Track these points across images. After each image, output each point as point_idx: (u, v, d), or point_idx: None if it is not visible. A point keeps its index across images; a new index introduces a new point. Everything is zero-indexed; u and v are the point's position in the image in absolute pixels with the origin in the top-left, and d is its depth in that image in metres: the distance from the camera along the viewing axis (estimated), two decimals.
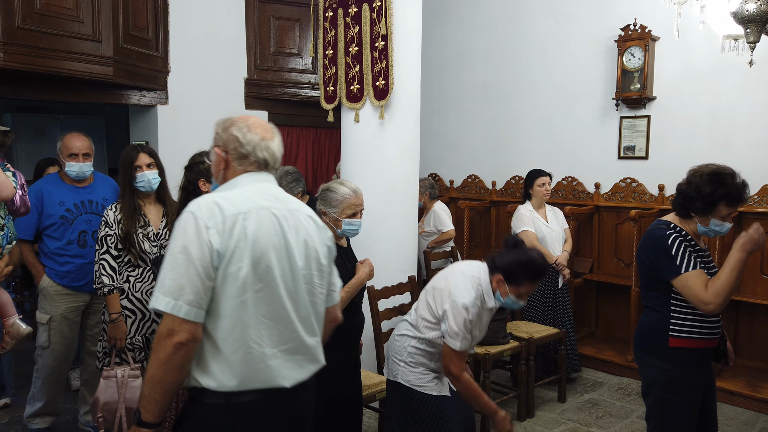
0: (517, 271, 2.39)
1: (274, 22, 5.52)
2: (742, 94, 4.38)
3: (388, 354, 2.66)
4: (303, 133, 5.99)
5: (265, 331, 1.60)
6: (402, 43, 3.74)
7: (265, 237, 1.61)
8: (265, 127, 1.78)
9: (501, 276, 2.42)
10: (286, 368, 1.65)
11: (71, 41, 3.98)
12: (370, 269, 2.69)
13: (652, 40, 4.68)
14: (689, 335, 2.35)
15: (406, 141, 3.88)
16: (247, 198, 1.64)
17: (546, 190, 4.30)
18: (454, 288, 2.45)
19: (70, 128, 7.29)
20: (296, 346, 1.68)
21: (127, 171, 2.90)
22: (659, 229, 2.41)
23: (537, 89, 5.50)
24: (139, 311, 2.88)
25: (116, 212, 2.85)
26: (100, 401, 2.78)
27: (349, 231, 2.64)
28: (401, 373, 2.57)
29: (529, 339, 3.82)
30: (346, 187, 2.64)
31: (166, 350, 1.50)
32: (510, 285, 2.41)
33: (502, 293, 2.44)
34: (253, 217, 1.60)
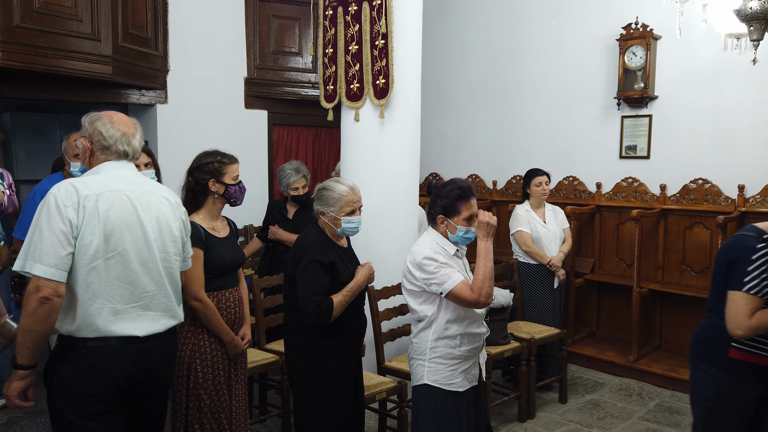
0: (446, 200, 2.44)
1: (273, 21, 5.50)
2: (745, 93, 4.36)
3: (410, 361, 2.60)
4: (303, 132, 5.97)
5: (116, 291, 1.97)
6: (402, 41, 3.72)
7: (117, 214, 1.97)
8: (128, 123, 2.11)
9: (441, 216, 2.47)
10: (138, 321, 2.02)
11: (70, 40, 3.97)
12: (370, 272, 2.65)
13: (653, 39, 4.65)
14: (752, 350, 2.21)
15: (406, 140, 3.86)
16: (103, 182, 1.99)
17: (543, 190, 4.28)
18: (410, 258, 2.49)
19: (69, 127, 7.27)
20: (148, 304, 2.05)
21: None
22: (750, 238, 2.21)
23: (538, 88, 5.47)
24: None
25: None
26: None
27: (349, 229, 2.61)
28: (426, 374, 2.50)
29: (530, 339, 3.80)
30: (342, 185, 2.62)
31: (32, 304, 1.83)
32: (451, 218, 2.45)
33: (452, 230, 2.47)
34: (106, 198, 1.96)
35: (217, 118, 5.28)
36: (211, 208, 2.65)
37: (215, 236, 2.62)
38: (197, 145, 5.14)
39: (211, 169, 2.61)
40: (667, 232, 4.72)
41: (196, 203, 2.63)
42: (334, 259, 2.54)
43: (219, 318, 2.58)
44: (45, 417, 3.73)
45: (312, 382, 2.58)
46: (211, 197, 2.63)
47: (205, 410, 2.56)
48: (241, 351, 2.69)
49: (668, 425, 3.74)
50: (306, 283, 2.47)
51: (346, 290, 2.53)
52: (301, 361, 2.60)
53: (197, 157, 2.68)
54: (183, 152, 5.06)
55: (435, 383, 2.48)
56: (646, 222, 4.68)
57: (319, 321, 2.44)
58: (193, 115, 5.13)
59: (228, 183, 2.63)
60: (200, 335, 2.57)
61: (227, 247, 2.65)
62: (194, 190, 2.63)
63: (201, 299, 2.51)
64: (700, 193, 4.53)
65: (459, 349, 2.49)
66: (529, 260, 4.25)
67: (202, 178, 2.62)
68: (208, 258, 2.55)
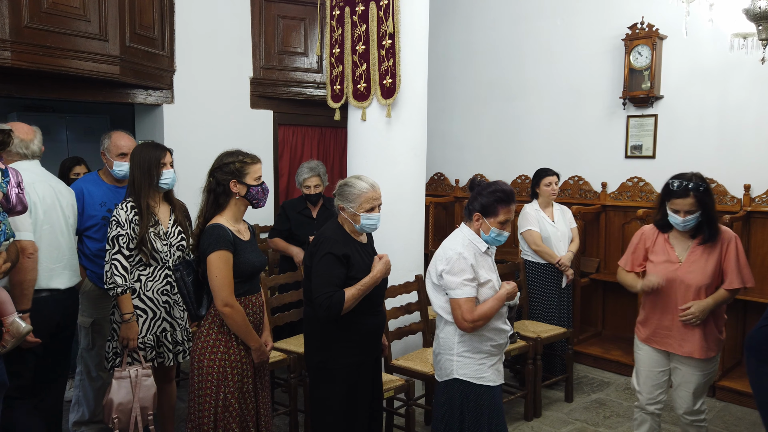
0: (488, 201, 2.48)
1: (279, 21, 5.52)
2: (751, 92, 4.36)
3: (437, 356, 2.59)
4: (308, 132, 5.99)
5: (49, 253, 2.75)
6: (409, 41, 3.73)
7: (48, 196, 2.77)
8: (26, 131, 2.79)
9: (478, 214, 2.50)
10: (61, 277, 2.81)
11: (78, 40, 3.98)
12: (387, 266, 2.63)
13: (659, 39, 4.65)
14: None
15: (412, 140, 3.87)
16: (32, 174, 2.73)
17: (553, 190, 4.29)
18: (442, 252, 2.52)
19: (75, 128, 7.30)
20: (65, 265, 2.84)
21: (152, 169, 2.84)
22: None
23: (543, 88, 5.48)
24: (150, 310, 2.86)
25: (128, 212, 2.81)
26: (114, 402, 2.76)
27: (368, 226, 2.61)
28: (456, 369, 2.49)
29: (537, 338, 3.81)
30: (363, 182, 2.62)
31: (23, 260, 2.47)
32: (488, 218, 2.48)
33: (485, 230, 2.50)
34: (39, 185, 2.75)
35: (222, 118, 5.29)
36: (235, 210, 2.55)
37: (242, 239, 2.54)
38: (203, 145, 5.19)
39: (233, 170, 2.52)
40: None
41: (217, 205, 2.54)
42: (349, 253, 2.54)
43: (248, 324, 2.51)
44: None
45: (325, 375, 2.59)
46: (234, 199, 2.53)
47: (235, 417, 2.50)
48: (266, 358, 2.63)
49: (674, 424, 3.74)
50: (319, 275, 2.48)
51: (361, 284, 2.52)
52: (315, 354, 2.62)
53: (219, 157, 2.60)
54: (189, 152, 5.10)
55: (465, 377, 2.48)
56: (651, 222, 4.67)
57: (329, 313, 2.45)
58: (200, 115, 5.15)
59: (250, 184, 2.54)
60: (230, 343, 2.50)
61: (252, 251, 2.58)
62: (215, 191, 2.54)
63: (231, 305, 2.44)
64: None
65: (485, 345, 2.50)
66: (537, 259, 4.25)
67: (223, 178, 2.52)
68: (237, 262, 2.48)
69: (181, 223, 3.00)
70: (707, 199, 2.75)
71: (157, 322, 2.89)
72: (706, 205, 2.74)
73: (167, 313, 2.92)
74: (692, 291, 2.80)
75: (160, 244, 2.86)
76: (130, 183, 2.88)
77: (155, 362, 2.90)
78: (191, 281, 2.57)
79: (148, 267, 2.86)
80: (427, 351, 3.57)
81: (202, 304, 2.60)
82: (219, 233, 2.45)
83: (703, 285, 2.79)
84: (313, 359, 2.65)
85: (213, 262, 2.42)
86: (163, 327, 2.91)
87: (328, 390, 2.60)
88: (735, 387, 4.07)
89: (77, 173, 3.96)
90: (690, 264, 2.82)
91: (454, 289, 2.42)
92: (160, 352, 2.91)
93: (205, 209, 2.56)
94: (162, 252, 2.87)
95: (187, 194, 3.50)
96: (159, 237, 2.86)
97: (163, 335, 2.91)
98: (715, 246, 2.80)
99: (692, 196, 2.71)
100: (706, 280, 2.79)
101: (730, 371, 4.29)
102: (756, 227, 4.34)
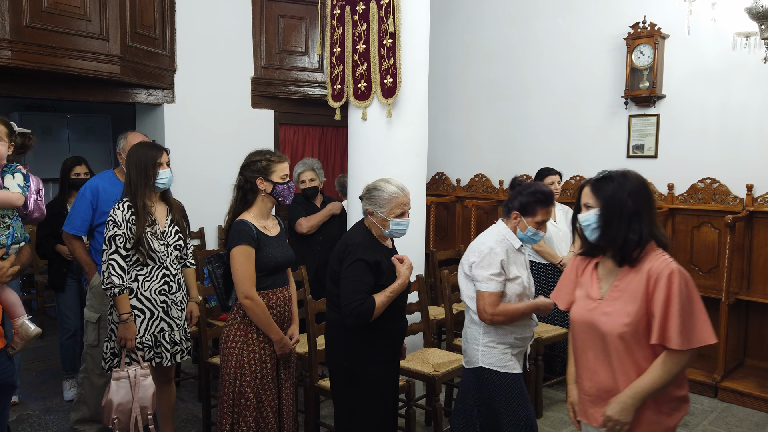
0: (528, 200, 2.54)
1: (280, 21, 5.51)
2: (753, 92, 4.34)
3: (465, 344, 2.70)
4: (309, 131, 5.98)
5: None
6: (409, 40, 3.72)
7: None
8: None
9: (516, 212, 2.58)
10: None
11: (79, 39, 3.98)
12: (411, 268, 2.61)
13: (661, 38, 4.64)
14: None
15: (413, 139, 3.86)
16: None
17: (555, 189, 4.27)
18: (475, 245, 2.62)
19: (77, 127, 7.31)
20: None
21: (148, 169, 2.85)
22: None
23: (545, 87, 5.46)
24: (148, 310, 2.86)
25: (125, 211, 2.80)
26: (114, 403, 2.76)
27: (397, 231, 2.59)
28: (481, 357, 2.59)
29: (538, 339, 3.80)
30: (393, 185, 2.57)
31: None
32: (526, 217, 2.56)
33: (522, 228, 2.58)
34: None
35: (224, 117, 5.29)
36: (261, 206, 2.68)
37: (266, 235, 2.64)
38: (204, 144, 5.20)
39: (260, 167, 2.64)
40: (675, 232, 4.70)
41: (245, 201, 2.66)
42: (379, 260, 2.52)
43: (269, 316, 2.61)
44: (54, 415, 3.76)
45: (352, 382, 2.57)
46: (260, 195, 2.66)
47: (251, 408, 2.60)
48: (289, 350, 2.70)
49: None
50: (349, 282, 2.45)
51: (389, 290, 2.50)
52: (341, 361, 2.58)
53: (248, 155, 2.72)
54: (190, 151, 5.11)
55: (490, 365, 2.58)
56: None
57: (359, 320, 2.43)
58: (200, 115, 5.15)
59: (276, 181, 2.65)
60: (250, 333, 2.61)
61: (278, 246, 2.67)
62: (243, 188, 2.66)
63: (252, 297, 2.55)
64: (708, 193, 4.52)
65: (509, 337, 2.59)
66: (538, 259, 4.24)
67: (250, 176, 2.65)
68: (260, 257, 2.58)
69: (178, 223, 3.00)
70: (611, 192, 1.86)
71: (155, 322, 2.89)
72: (606, 202, 1.86)
73: (165, 313, 2.91)
74: (609, 344, 1.88)
75: (157, 244, 2.86)
76: (127, 182, 2.88)
77: (153, 362, 2.90)
78: (221, 274, 2.68)
79: (146, 267, 2.85)
80: (428, 351, 3.56)
81: (231, 296, 2.70)
82: (242, 229, 2.56)
83: (623, 334, 1.84)
84: (339, 365, 2.60)
85: (235, 256, 2.54)
86: (161, 327, 2.90)
87: (355, 395, 2.57)
88: (737, 388, 4.06)
89: (77, 173, 3.96)
90: (610, 302, 1.90)
91: (480, 282, 2.53)
92: (158, 352, 2.90)
93: (234, 205, 2.69)
94: (159, 252, 2.87)
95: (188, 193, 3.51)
96: (156, 237, 2.86)
97: (161, 335, 2.90)
98: (639, 274, 1.85)
99: (590, 185, 1.93)
100: (623, 328, 1.84)
101: (732, 372, 4.27)
102: (759, 227, 4.32)
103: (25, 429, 3.58)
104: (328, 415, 3.76)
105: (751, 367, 4.38)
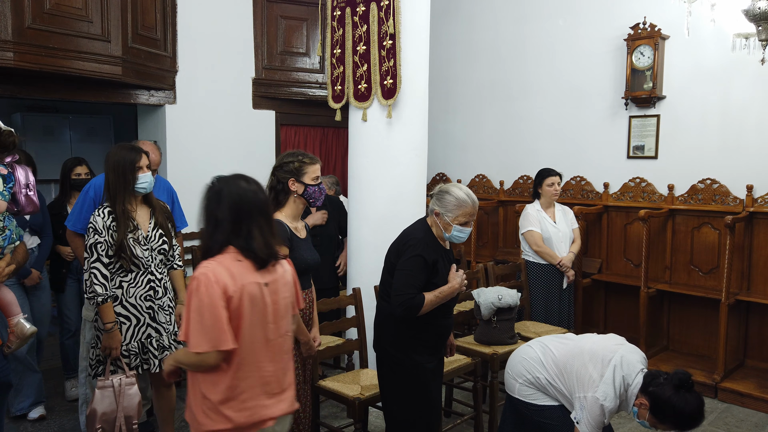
0: (668, 413, 2.29)
1: (281, 22, 5.52)
2: (753, 92, 4.34)
3: (508, 370, 2.68)
4: (310, 132, 6.00)
5: None
6: (410, 42, 3.73)
7: None
8: None
9: (648, 404, 2.33)
10: None
11: (80, 41, 4.00)
12: (463, 282, 2.65)
13: (661, 39, 4.64)
14: None
15: (413, 140, 3.87)
16: None
17: (555, 190, 4.28)
18: (601, 385, 2.39)
19: (79, 128, 7.32)
20: None
21: (126, 173, 2.76)
22: None
23: (545, 88, 5.47)
24: (134, 317, 2.80)
25: (105, 218, 2.73)
26: (98, 412, 2.71)
27: (457, 238, 2.62)
28: (518, 390, 2.62)
29: None
30: (463, 193, 2.61)
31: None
32: (652, 416, 2.33)
33: (640, 416, 2.37)
34: None
35: (225, 118, 5.31)
36: (293, 207, 2.70)
37: (298, 236, 2.66)
38: (205, 146, 5.21)
39: (292, 169, 2.66)
40: (675, 233, 4.71)
41: (277, 202, 2.68)
42: (437, 259, 2.58)
43: (299, 318, 2.58)
44: (56, 414, 3.77)
45: (397, 369, 2.65)
46: (292, 197, 2.68)
47: None
48: (315, 352, 2.72)
49: None
50: (404, 274, 2.53)
51: (439, 292, 2.56)
52: (388, 348, 2.67)
53: (280, 156, 2.73)
54: (191, 152, 5.12)
55: (524, 398, 2.61)
56: (653, 222, 4.67)
57: (407, 313, 2.51)
58: (202, 116, 5.16)
59: (308, 183, 2.67)
60: None
61: (307, 248, 2.70)
62: (276, 188, 2.68)
63: None
64: (708, 193, 4.52)
65: (550, 395, 2.62)
66: (538, 260, 4.25)
67: (282, 177, 2.66)
68: (291, 258, 2.52)
69: (162, 226, 2.91)
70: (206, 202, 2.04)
71: (141, 329, 2.83)
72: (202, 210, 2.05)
73: (152, 319, 2.85)
74: None
75: (140, 250, 2.78)
76: (106, 188, 2.80)
77: (140, 369, 2.84)
78: None
79: (130, 273, 2.78)
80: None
81: None
82: (279, 229, 2.52)
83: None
84: (386, 352, 2.69)
85: None
86: (148, 333, 2.84)
87: (403, 385, 2.65)
88: (737, 389, 4.06)
89: (78, 174, 3.96)
90: None
91: (583, 427, 2.45)
92: (146, 358, 2.84)
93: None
94: (143, 258, 2.80)
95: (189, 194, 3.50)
96: (138, 242, 2.78)
97: (148, 341, 2.84)
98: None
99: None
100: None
101: (732, 372, 4.28)
102: (759, 228, 4.32)
103: (26, 428, 3.59)
104: (329, 415, 3.77)
105: (751, 367, 4.38)
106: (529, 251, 4.29)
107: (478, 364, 3.41)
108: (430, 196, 2.72)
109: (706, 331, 4.55)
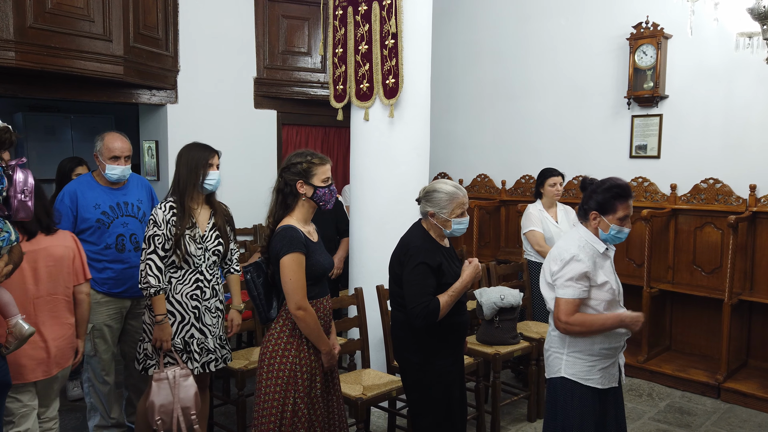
0: (605, 197, 2.37)
1: (283, 21, 5.52)
2: (756, 92, 4.33)
3: (547, 352, 2.55)
4: (312, 131, 5.99)
5: None
6: (412, 41, 3.72)
7: None
8: None
9: (595, 212, 2.39)
10: None
11: (82, 40, 4.00)
12: (476, 269, 2.60)
13: (664, 38, 4.63)
14: None
15: (415, 140, 3.86)
16: None
17: (557, 190, 4.28)
18: (555, 252, 2.43)
19: (80, 127, 7.33)
20: None
21: (198, 168, 2.78)
22: None
23: (547, 88, 5.46)
24: (178, 314, 2.79)
25: (166, 212, 2.74)
26: (156, 404, 2.72)
27: (458, 230, 2.60)
28: (564, 367, 2.43)
29: (540, 339, 3.79)
30: (450, 186, 2.58)
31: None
32: (606, 216, 2.37)
33: (604, 228, 2.39)
34: None
35: (226, 117, 5.30)
36: (303, 211, 2.49)
37: (312, 241, 2.49)
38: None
39: (300, 170, 2.46)
40: (677, 232, 4.70)
41: (285, 206, 2.48)
42: (441, 261, 2.56)
43: (320, 327, 2.46)
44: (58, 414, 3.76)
45: (421, 376, 2.62)
46: (301, 200, 2.47)
47: (304, 423, 2.43)
48: (335, 362, 2.58)
49: (679, 426, 3.72)
50: (414, 285, 2.49)
51: (452, 290, 2.53)
52: (412, 358, 2.63)
53: (288, 157, 2.55)
54: None
55: (572, 376, 2.41)
56: (656, 222, 4.66)
57: (426, 321, 2.48)
58: (203, 115, 5.16)
59: (317, 185, 2.47)
60: (302, 346, 2.44)
61: (322, 252, 2.53)
62: (283, 191, 2.49)
63: (305, 308, 2.38)
64: (711, 193, 4.51)
65: (598, 346, 2.39)
66: (540, 259, 4.23)
67: (290, 179, 2.47)
68: (309, 264, 2.41)
69: (221, 228, 2.90)
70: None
71: (185, 327, 2.80)
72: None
73: (196, 319, 2.82)
74: None
75: (194, 248, 2.77)
76: (175, 182, 2.80)
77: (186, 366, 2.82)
78: (261, 283, 2.50)
79: (180, 270, 2.77)
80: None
81: (272, 306, 2.53)
82: (292, 235, 2.39)
83: None
84: (408, 361, 2.65)
85: (287, 264, 2.36)
86: (192, 333, 2.82)
87: (429, 388, 2.62)
88: (740, 389, 4.05)
89: (79, 174, 3.94)
90: None
91: (558, 288, 2.37)
92: (188, 358, 2.81)
93: (274, 209, 2.51)
94: (196, 256, 2.78)
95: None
96: (194, 240, 2.78)
97: (191, 341, 2.81)
98: None
99: None
100: None
101: (735, 373, 4.27)
102: (762, 227, 4.31)
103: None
104: None
105: (754, 367, 4.37)
106: (531, 251, 4.28)
107: (480, 364, 3.40)
108: (417, 201, 2.67)
109: (709, 331, 4.54)
